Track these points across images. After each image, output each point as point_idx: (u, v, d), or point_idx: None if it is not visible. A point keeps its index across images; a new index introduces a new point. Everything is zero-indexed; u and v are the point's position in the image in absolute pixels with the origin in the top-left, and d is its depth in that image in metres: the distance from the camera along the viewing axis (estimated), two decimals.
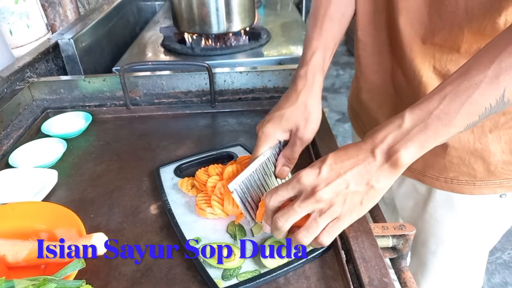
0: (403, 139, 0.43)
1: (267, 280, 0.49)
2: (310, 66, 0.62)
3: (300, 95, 0.60)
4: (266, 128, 0.59)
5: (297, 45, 1.32)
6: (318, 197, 0.44)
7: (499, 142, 0.62)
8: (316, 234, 0.47)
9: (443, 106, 0.42)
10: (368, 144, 0.45)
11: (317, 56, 0.63)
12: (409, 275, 0.56)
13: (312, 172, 0.46)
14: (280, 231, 0.48)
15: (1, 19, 1.24)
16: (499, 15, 0.51)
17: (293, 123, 0.59)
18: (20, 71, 0.95)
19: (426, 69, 0.61)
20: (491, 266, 1.69)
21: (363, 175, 0.45)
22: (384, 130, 0.45)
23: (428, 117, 0.43)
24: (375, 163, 0.44)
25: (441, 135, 0.43)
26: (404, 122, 0.44)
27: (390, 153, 0.44)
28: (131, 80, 0.93)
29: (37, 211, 0.59)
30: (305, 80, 0.61)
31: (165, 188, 0.65)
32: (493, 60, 0.41)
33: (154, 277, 0.51)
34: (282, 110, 0.60)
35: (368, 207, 0.47)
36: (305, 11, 3.73)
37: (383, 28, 0.66)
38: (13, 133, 0.81)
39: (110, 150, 0.79)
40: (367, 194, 0.46)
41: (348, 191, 0.45)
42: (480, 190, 0.66)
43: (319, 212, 0.46)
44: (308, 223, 0.47)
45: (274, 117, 0.59)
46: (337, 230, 0.47)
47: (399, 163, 0.43)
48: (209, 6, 1.21)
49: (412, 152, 0.43)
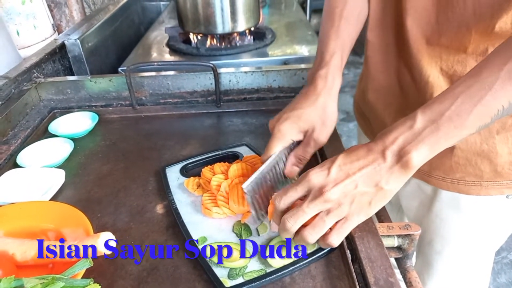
0: (415, 140, 0.43)
1: (273, 279, 0.49)
2: (330, 68, 0.61)
3: (320, 96, 0.59)
4: (283, 127, 0.57)
5: (302, 44, 1.32)
6: (327, 197, 0.44)
7: (506, 143, 0.62)
8: (322, 232, 0.47)
9: (455, 107, 0.42)
10: (378, 145, 0.45)
11: (336, 58, 0.62)
12: (414, 275, 0.56)
13: (321, 172, 0.46)
14: (288, 232, 0.48)
15: (8, 20, 1.25)
16: (506, 15, 0.51)
17: (310, 124, 0.58)
18: (27, 72, 0.96)
19: (432, 69, 0.61)
20: (497, 265, 1.69)
21: (372, 176, 0.44)
22: (395, 131, 0.44)
23: (439, 118, 0.42)
24: (385, 164, 0.44)
25: (452, 137, 0.42)
26: (415, 123, 0.43)
27: (401, 154, 0.43)
28: (137, 80, 0.94)
29: (45, 210, 0.60)
30: (325, 82, 0.60)
31: (171, 187, 0.65)
32: (505, 62, 0.40)
33: (160, 276, 0.51)
34: (300, 109, 0.58)
35: (376, 208, 0.47)
36: (310, 10, 3.73)
37: (391, 28, 0.66)
38: (20, 133, 0.82)
39: (116, 150, 0.80)
40: (376, 195, 0.45)
41: (357, 191, 0.45)
42: (487, 191, 0.66)
43: (327, 211, 0.46)
44: (315, 221, 0.46)
45: (292, 116, 0.58)
46: (345, 230, 0.47)
47: (410, 164, 0.43)
48: (214, 6, 1.21)
49: (424, 154, 0.43)
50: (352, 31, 0.66)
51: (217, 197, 0.59)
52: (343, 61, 0.64)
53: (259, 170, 0.54)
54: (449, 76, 0.60)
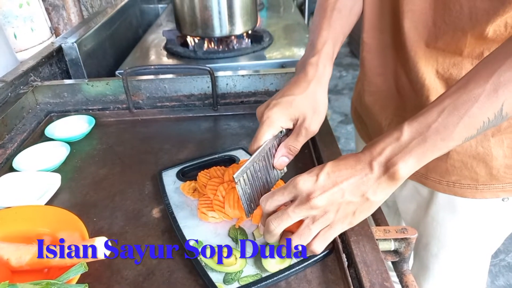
0: (401, 152, 0.43)
1: (269, 284, 0.49)
2: (321, 56, 0.59)
3: (310, 83, 0.57)
4: (273, 113, 0.54)
5: (300, 47, 1.32)
6: (313, 204, 0.44)
7: (502, 147, 0.62)
8: (308, 240, 0.47)
9: (441, 119, 0.42)
10: (366, 156, 0.45)
11: (328, 46, 0.61)
12: (411, 279, 0.56)
13: (309, 178, 0.46)
14: (271, 235, 0.48)
15: (6, 23, 1.25)
16: (501, 18, 0.52)
17: (301, 112, 0.55)
18: (24, 75, 0.95)
19: (429, 72, 0.61)
20: (495, 268, 1.69)
21: (359, 186, 0.45)
22: (383, 143, 0.45)
23: (426, 130, 0.42)
24: (372, 175, 0.44)
25: (439, 148, 0.43)
26: (402, 135, 0.43)
27: (388, 166, 0.44)
28: (134, 83, 0.94)
29: (40, 214, 0.60)
30: (316, 69, 0.58)
31: (167, 191, 0.65)
32: (492, 74, 0.40)
33: (156, 281, 0.51)
34: (291, 96, 0.56)
35: (360, 219, 0.47)
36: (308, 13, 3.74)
37: (388, 30, 0.66)
38: (17, 136, 0.82)
39: (112, 154, 0.80)
40: (361, 205, 0.46)
41: (343, 200, 0.45)
42: (483, 194, 0.66)
43: (312, 219, 0.46)
44: (300, 230, 0.47)
45: (282, 102, 0.55)
46: (328, 238, 0.48)
47: (397, 176, 0.43)
48: (212, 9, 1.21)
49: (410, 165, 0.43)
50: (345, 23, 0.65)
51: (213, 202, 0.59)
52: (335, 51, 0.63)
53: (249, 160, 0.53)
54: (445, 79, 0.60)
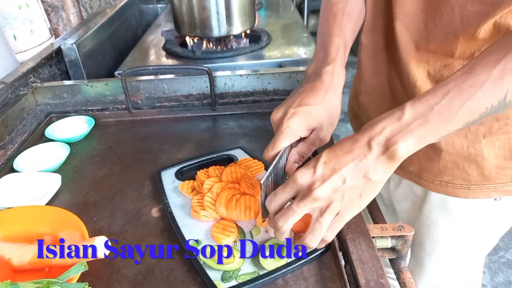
0: (402, 132, 0.43)
1: (266, 281, 0.50)
2: (336, 65, 0.59)
3: (327, 93, 0.57)
4: (293, 123, 0.54)
5: (298, 46, 1.33)
6: (315, 195, 0.44)
7: (493, 148, 0.62)
8: (322, 235, 0.46)
9: (445, 102, 0.42)
10: (364, 136, 0.44)
11: (341, 53, 0.61)
12: (408, 276, 0.56)
13: (307, 171, 0.46)
14: (280, 232, 0.48)
15: (6, 25, 1.26)
16: (491, 20, 0.52)
17: (318, 122, 0.56)
18: (24, 77, 0.96)
19: (420, 74, 0.61)
20: (494, 265, 1.69)
21: (359, 169, 0.44)
22: (383, 122, 0.44)
23: (429, 112, 0.42)
24: (371, 155, 0.44)
25: (440, 131, 0.43)
26: (404, 115, 0.43)
27: (387, 145, 0.43)
28: (133, 84, 0.95)
29: (41, 215, 0.60)
30: (331, 78, 0.58)
31: (166, 191, 0.66)
32: (498, 61, 0.41)
33: (155, 279, 0.52)
34: (309, 106, 0.55)
35: (368, 200, 0.47)
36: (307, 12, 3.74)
37: (382, 32, 0.67)
38: (17, 138, 0.83)
39: (112, 154, 0.80)
40: (365, 187, 0.45)
41: (346, 186, 0.44)
42: (475, 194, 0.66)
43: (320, 212, 0.45)
44: (312, 226, 0.46)
45: (301, 112, 0.55)
46: (339, 226, 0.47)
47: (396, 155, 0.43)
48: (210, 9, 1.22)
49: (410, 146, 0.43)
50: (354, 28, 0.65)
51: (204, 198, 0.59)
52: (346, 58, 0.63)
53: (271, 166, 0.52)
54: (436, 81, 0.60)
